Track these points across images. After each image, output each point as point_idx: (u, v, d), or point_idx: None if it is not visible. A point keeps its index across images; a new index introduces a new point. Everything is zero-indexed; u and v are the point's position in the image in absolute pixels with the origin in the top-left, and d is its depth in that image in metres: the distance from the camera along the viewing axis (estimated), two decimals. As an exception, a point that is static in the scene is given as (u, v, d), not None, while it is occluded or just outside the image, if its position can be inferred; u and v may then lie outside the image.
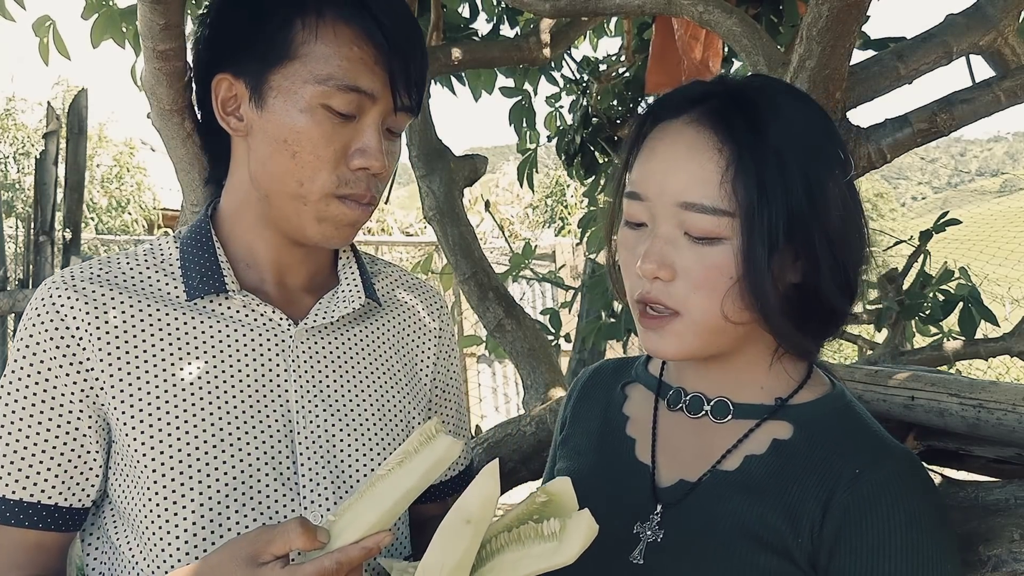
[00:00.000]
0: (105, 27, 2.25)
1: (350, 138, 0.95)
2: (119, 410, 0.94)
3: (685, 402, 0.96)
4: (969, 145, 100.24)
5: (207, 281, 0.98)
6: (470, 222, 2.43)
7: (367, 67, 0.94)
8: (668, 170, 0.86)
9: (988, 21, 1.59)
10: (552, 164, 13.77)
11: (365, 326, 1.08)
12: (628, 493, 0.95)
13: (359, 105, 0.94)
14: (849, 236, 0.88)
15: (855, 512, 0.83)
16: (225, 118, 0.98)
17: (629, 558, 0.90)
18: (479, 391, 7.03)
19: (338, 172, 0.95)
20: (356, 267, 1.08)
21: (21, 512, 0.93)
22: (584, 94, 2.96)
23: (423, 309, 1.15)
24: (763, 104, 0.87)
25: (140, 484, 0.93)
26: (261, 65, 0.95)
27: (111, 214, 11.34)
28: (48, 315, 0.94)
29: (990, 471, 1.34)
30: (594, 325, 2.38)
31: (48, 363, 0.93)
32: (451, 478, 1.16)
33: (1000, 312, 4.88)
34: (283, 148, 0.94)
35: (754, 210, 0.82)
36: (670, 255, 0.86)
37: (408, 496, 0.80)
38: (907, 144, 1.60)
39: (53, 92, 12.06)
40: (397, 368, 1.09)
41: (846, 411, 0.91)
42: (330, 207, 0.96)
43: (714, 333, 0.87)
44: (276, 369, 0.99)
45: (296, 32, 0.93)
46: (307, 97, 0.93)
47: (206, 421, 0.94)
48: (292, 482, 0.96)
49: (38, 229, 4.09)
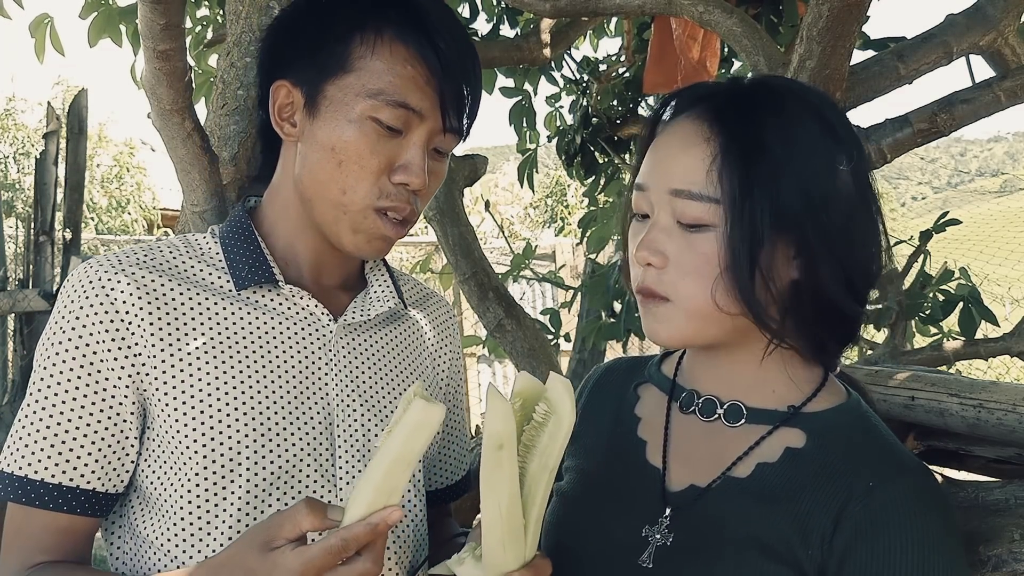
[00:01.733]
0: (103, 26, 2.25)
1: (395, 153, 0.98)
2: (168, 395, 0.94)
3: (698, 405, 0.95)
4: (969, 145, 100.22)
5: (256, 272, 1.00)
6: (470, 222, 2.43)
7: (418, 86, 0.97)
8: (664, 159, 0.89)
9: (988, 21, 1.59)
10: (552, 164, 13.77)
11: (394, 327, 1.11)
12: (638, 496, 0.94)
13: (406, 121, 0.97)
14: (853, 235, 0.87)
15: (867, 527, 0.81)
16: (280, 123, 1.02)
17: (638, 561, 0.90)
18: (479, 391, 7.03)
19: (380, 184, 0.98)
20: (385, 270, 1.13)
21: (59, 496, 0.93)
22: (584, 94, 2.96)
23: (438, 319, 1.19)
24: (763, 100, 0.87)
25: (182, 472, 0.94)
26: (318, 75, 0.98)
27: (111, 214, 11.34)
28: (97, 297, 0.94)
29: (990, 471, 1.34)
30: (594, 325, 2.38)
31: (95, 346, 0.93)
32: (450, 485, 1.21)
33: (1000, 312, 4.88)
34: (330, 156, 0.97)
35: (737, 199, 0.83)
36: (663, 243, 0.87)
37: (397, 466, 0.79)
38: (907, 144, 1.60)
39: (53, 92, 12.06)
40: (424, 367, 1.13)
41: (861, 422, 0.90)
42: (367, 219, 0.99)
43: (704, 320, 0.87)
44: (318, 363, 1.01)
45: (354, 46, 0.97)
46: (357, 109, 0.96)
47: (254, 411, 0.95)
48: (330, 474, 0.99)
49: (38, 229, 4.10)
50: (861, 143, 0.91)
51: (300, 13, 1.03)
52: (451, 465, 1.21)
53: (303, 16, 1.02)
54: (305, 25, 1.01)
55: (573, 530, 0.97)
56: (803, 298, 0.87)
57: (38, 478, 0.92)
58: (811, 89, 0.94)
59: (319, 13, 1.00)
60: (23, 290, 4.11)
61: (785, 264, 0.86)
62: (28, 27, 2.30)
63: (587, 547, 0.94)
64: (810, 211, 0.84)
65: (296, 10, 1.04)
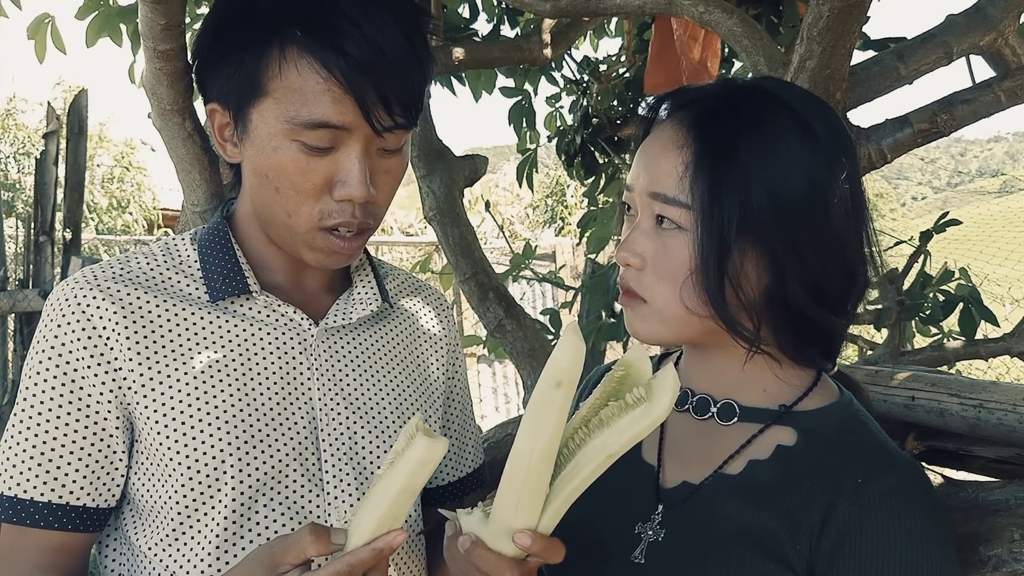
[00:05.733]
0: (101, 26, 2.24)
1: (331, 169, 0.92)
2: (149, 408, 0.94)
3: (692, 403, 0.97)
4: (969, 145, 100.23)
5: (229, 283, 0.99)
6: (470, 222, 2.43)
7: (334, 99, 0.89)
8: (647, 162, 0.91)
9: (988, 22, 1.59)
10: (552, 164, 13.76)
11: (379, 328, 1.09)
12: (632, 493, 0.95)
13: (333, 138, 0.91)
14: (828, 245, 0.87)
15: (855, 522, 0.82)
16: (222, 144, 0.98)
17: (631, 557, 0.91)
18: (479, 391, 7.03)
19: (321, 205, 0.93)
20: (370, 270, 1.10)
21: (50, 514, 0.93)
22: (584, 94, 2.96)
23: (430, 311, 1.17)
24: (745, 107, 0.88)
25: (169, 483, 0.93)
26: (240, 99, 0.93)
27: (111, 214, 11.34)
28: (74, 315, 0.94)
29: (990, 471, 1.34)
30: (594, 325, 2.38)
31: (75, 364, 0.93)
32: (461, 478, 1.18)
33: (1000, 312, 4.87)
34: (266, 182, 0.94)
35: (706, 206, 0.85)
36: (642, 244, 0.90)
37: (402, 498, 0.80)
38: (907, 144, 1.60)
39: (54, 92, 12.06)
40: (410, 369, 1.11)
41: (852, 420, 0.91)
42: (317, 239, 0.96)
43: (679, 323, 0.89)
44: (300, 367, 1.00)
45: (265, 66, 0.90)
46: (278, 133, 0.91)
47: (236, 418, 0.95)
48: (317, 478, 0.98)
49: (38, 229, 4.10)
50: (852, 151, 0.90)
51: (213, 31, 0.96)
52: (453, 460, 1.18)
53: (216, 34, 0.96)
54: (219, 45, 0.95)
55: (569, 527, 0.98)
56: (774, 306, 0.88)
57: (28, 497, 0.92)
58: (803, 95, 0.93)
59: (231, 31, 0.94)
60: (23, 290, 4.11)
61: (756, 271, 0.87)
62: (27, 29, 2.29)
63: (582, 543, 0.95)
64: (780, 220, 0.85)
65: (209, 28, 0.97)
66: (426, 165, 2.42)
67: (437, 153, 2.43)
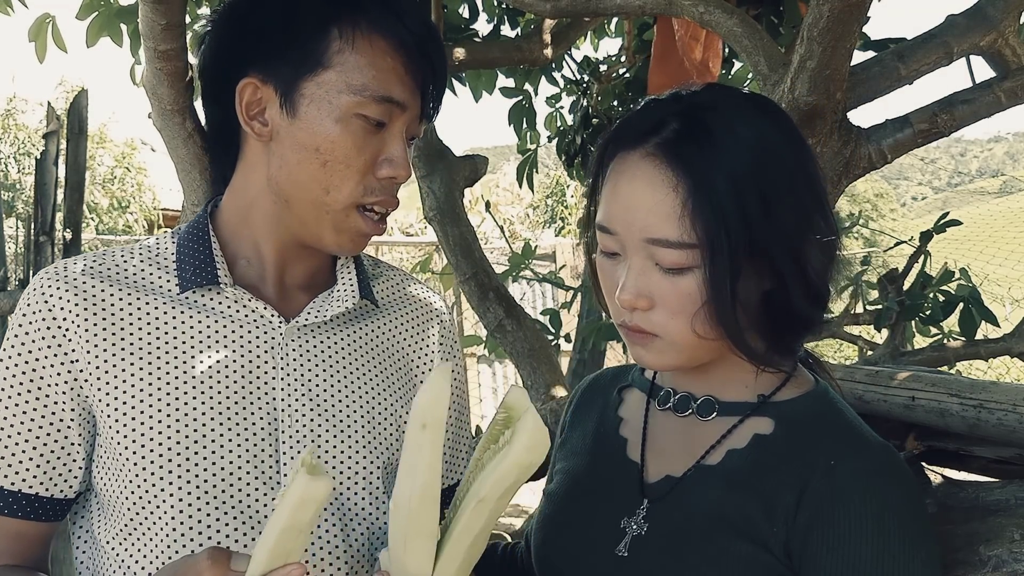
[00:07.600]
0: (102, 26, 2.25)
1: (379, 147, 0.96)
2: (103, 402, 0.94)
3: (673, 401, 0.99)
4: (969, 145, 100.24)
5: (200, 274, 0.97)
6: (470, 222, 2.43)
7: (399, 77, 0.95)
8: (631, 207, 0.88)
9: (988, 22, 1.59)
10: (552, 164, 13.76)
11: (360, 327, 1.06)
12: (617, 490, 0.97)
13: (390, 114, 0.96)
14: (810, 242, 0.88)
15: (828, 500, 0.84)
16: (249, 122, 0.97)
17: (614, 551, 0.93)
18: (479, 391, 7.04)
19: (365, 182, 0.96)
20: (354, 268, 1.07)
21: (1, 500, 0.93)
22: (584, 95, 2.96)
23: (424, 314, 1.14)
24: (716, 126, 0.87)
25: (123, 477, 0.93)
26: (294, 72, 0.94)
27: (111, 214, 11.34)
28: (37, 305, 0.95)
29: (990, 471, 1.34)
30: (594, 325, 2.38)
31: (35, 353, 0.94)
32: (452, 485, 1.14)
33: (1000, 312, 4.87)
34: (314, 156, 0.94)
35: (714, 240, 0.84)
36: (646, 286, 0.88)
37: (288, 535, 0.77)
38: (908, 144, 1.60)
39: (54, 92, 12.07)
40: (392, 371, 1.07)
41: (827, 407, 0.93)
42: (350, 218, 0.97)
43: (694, 349, 0.90)
44: (264, 366, 0.98)
45: (332, 41, 0.93)
46: (342, 107, 0.93)
47: (189, 416, 0.93)
48: (274, 482, 0.95)
49: (38, 229, 4.10)
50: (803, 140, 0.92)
51: (267, 5, 0.96)
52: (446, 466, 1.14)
53: (264, 8, 0.96)
54: (274, 18, 0.95)
55: (557, 525, 1.01)
56: (771, 313, 0.89)
57: None
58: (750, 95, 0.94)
59: (284, 5, 0.95)
60: (23, 290, 4.11)
61: (756, 285, 0.88)
62: (28, 31, 2.30)
63: (569, 540, 0.98)
64: (774, 228, 0.85)
65: (254, 2, 0.97)
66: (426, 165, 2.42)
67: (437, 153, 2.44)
